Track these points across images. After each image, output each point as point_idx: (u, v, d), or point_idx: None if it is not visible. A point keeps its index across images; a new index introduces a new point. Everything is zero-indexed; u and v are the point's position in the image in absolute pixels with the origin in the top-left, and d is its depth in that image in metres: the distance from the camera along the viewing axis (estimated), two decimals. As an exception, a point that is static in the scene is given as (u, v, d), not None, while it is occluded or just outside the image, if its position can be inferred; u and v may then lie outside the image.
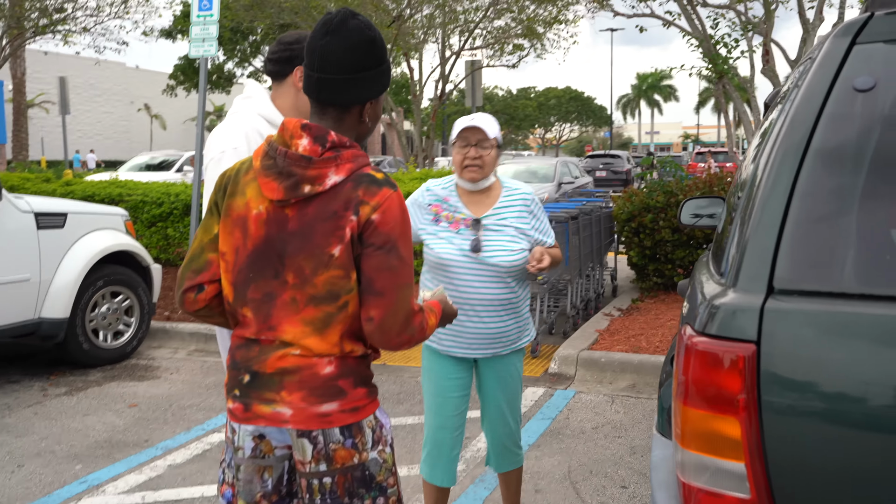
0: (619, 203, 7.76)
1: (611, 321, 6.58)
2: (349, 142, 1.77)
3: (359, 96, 1.78)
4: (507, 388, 2.93)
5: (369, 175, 1.75)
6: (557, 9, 12.76)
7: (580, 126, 63.87)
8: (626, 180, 25.13)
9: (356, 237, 1.72)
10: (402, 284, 1.73)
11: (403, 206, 1.77)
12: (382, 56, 1.80)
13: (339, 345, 1.76)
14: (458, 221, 2.80)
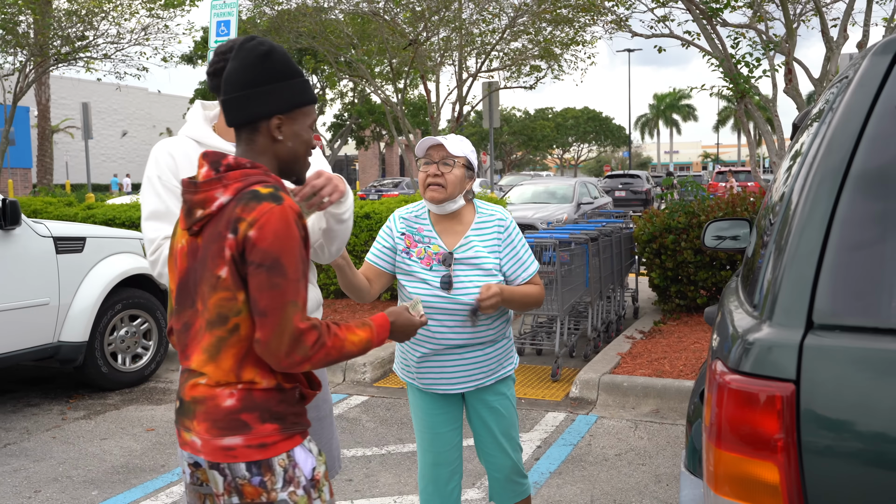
0: (640, 224, 7.66)
1: (633, 344, 6.46)
2: (250, 163, 1.74)
3: (258, 112, 1.75)
4: (499, 417, 2.79)
5: (253, 191, 1.69)
6: (574, 30, 12.73)
7: (598, 146, 63.78)
8: (646, 200, 24.97)
9: (238, 256, 1.68)
10: (287, 303, 1.66)
11: (287, 220, 1.67)
12: (282, 70, 1.76)
13: (236, 373, 1.71)
14: (429, 257, 2.64)
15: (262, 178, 1.73)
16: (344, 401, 5.55)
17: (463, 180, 2.65)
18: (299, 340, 1.67)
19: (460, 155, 2.62)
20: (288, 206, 1.69)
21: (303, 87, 1.81)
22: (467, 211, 2.72)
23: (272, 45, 1.78)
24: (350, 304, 8.39)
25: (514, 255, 2.69)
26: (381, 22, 12.54)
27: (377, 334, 1.84)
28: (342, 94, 32.84)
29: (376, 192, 27.96)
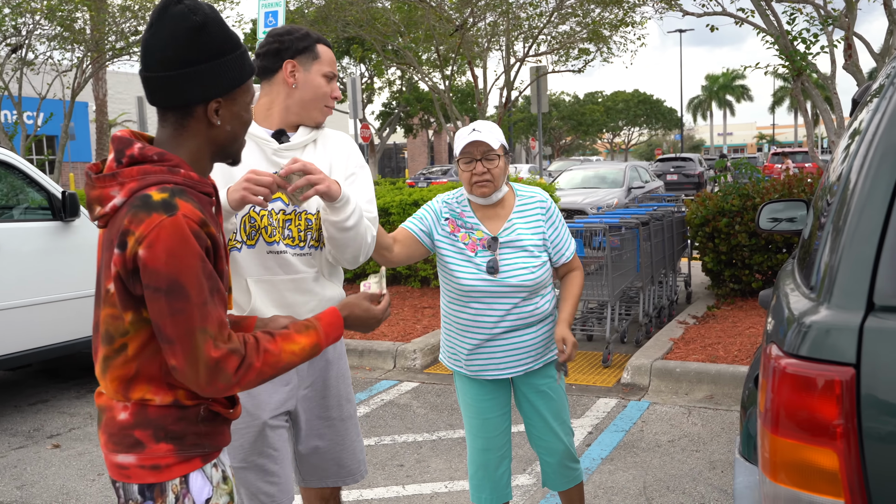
0: (693, 207, 7.52)
1: (685, 329, 6.35)
2: (157, 156, 1.51)
3: (193, 95, 1.52)
4: (549, 400, 2.79)
5: (144, 197, 1.46)
6: (624, 11, 12.49)
7: (649, 129, 62.73)
8: (699, 184, 24.48)
9: (126, 274, 1.47)
10: (193, 329, 1.45)
11: (181, 234, 1.43)
12: (219, 44, 1.52)
13: (123, 393, 1.55)
14: (473, 243, 2.65)
15: (161, 179, 1.49)
16: (395, 387, 5.59)
17: (505, 169, 2.67)
18: (217, 369, 1.48)
19: (499, 145, 2.62)
20: (182, 217, 1.45)
21: (242, 60, 1.57)
22: (508, 196, 2.73)
23: (206, 10, 1.52)
24: (400, 291, 8.44)
25: (556, 234, 2.72)
26: (427, 8, 12.51)
27: (325, 335, 1.65)
28: (390, 83, 32.92)
29: (425, 180, 28.02)
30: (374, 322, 1.78)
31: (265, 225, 2.21)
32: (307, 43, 2.24)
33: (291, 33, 2.25)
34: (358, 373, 5.97)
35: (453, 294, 2.70)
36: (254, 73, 1.61)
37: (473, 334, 2.69)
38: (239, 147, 1.65)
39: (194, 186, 1.54)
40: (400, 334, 6.51)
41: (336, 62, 2.32)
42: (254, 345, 1.54)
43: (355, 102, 18.52)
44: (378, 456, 4.27)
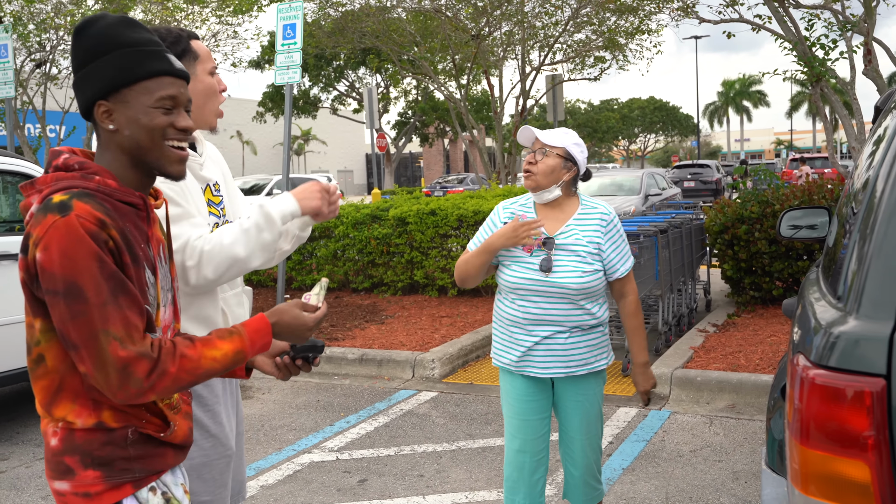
0: (711, 214, 7.48)
1: (705, 338, 6.31)
2: (78, 164, 1.50)
3: (82, 100, 1.53)
4: (584, 412, 2.81)
5: (46, 201, 1.44)
6: (639, 19, 12.46)
7: (665, 136, 62.48)
8: (717, 190, 24.32)
9: (30, 279, 1.45)
10: (96, 332, 1.40)
11: (75, 233, 1.39)
12: (96, 45, 1.49)
13: (47, 408, 1.51)
14: (531, 243, 2.73)
15: (69, 184, 1.47)
16: (413, 397, 5.58)
17: (556, 170, 2.73)
18: (127, 373, 1.41)
19: (555, 145, 2.72)
20: (75, 217, 1.40)
21: (127, 59, 1.50)
22: (571, 202, 2.81)
23: (91, 18, 1.52)
24: (418, 300, 8.45)
25: (613, 247, 2.77)
26: (443, 18, 12.56)
27: (251, 342, 1.57)
28: (406, 93, 33.06)
29: (441, 189, 28.05)
30: (304, 331, 1.66)
31: None
32: (183, 45, 2.12)
33: (164, 39, 2.09)
34: (377, 382, 5.98)
35: (505, 291, 2.78)
36: (158, 74, 1.52)
37: (521, 332, 2.74)
38: (157, 158, 1.54)
39: (111, 194, 1.49)
40: (418, 344, 6.51)
41: (211, 54, 2.24)
42: (170, 349, 1.47)
43: (371, 113, 18.60)
44: (398, 466, 4.27)
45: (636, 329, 2.85)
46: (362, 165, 60.50)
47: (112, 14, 1.55)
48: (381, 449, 4.54)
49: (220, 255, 2.01)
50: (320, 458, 4.42)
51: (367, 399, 5.57)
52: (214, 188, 2.22)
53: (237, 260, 2.01)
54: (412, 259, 8.62)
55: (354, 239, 8.89)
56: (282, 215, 2.03)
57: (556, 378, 2.80)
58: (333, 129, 55.08)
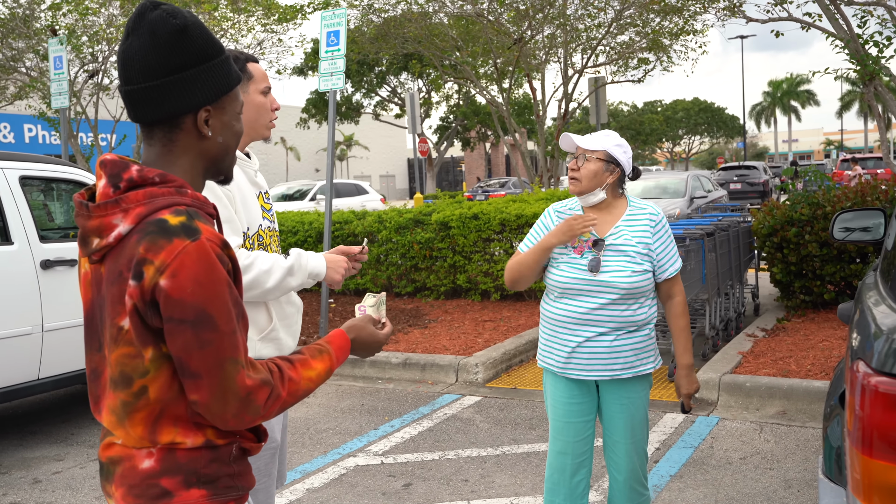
0: (759, 217, 7.33)
1: (755, 342, 6.19)
2: (159, 177, 1.38)
3: (179, 105, 1.39)
4: (629, 416, 2.79)
5: (159, 222, 1.33)
6: (684, 19, 12.30)
7: (711, 138, 61.52)
8: (764, 192, 23.85)
9: (144, 307, 1.34)
10: (224, 360, 1.34)
11: (208, 259, 1.32)
12: (203, 48, 1.40)
13: (150, 438, 1.40)
14: (581, 244, 2.75)
15: (172, 201, 1.37)
16: (457, 401, 5.58)
17: (599, 174, 2.74)
18: (249, 401, 1.37)
19: (596, 149, 2.73)
20: (206, 241, 1.33)
21: (228, 66, 1.45)
22: (619, 204, 2.81)
23: (185, 14, 1.40)
24: (461, 304, 8.45)
25: (662, 247, 2.77)
26: (485, 23, 12.56)
27: (336, 359, 1.56)
28: (447, 97, 33.15)
29: (483, 193, 28.03)
30: (377, 347, 1.66)
31: (268, 243, 2.36)
32: (239, 65, 2.31)
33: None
34: (420, 386, 5.99)
35: (553, 291, 2.79)
36: (241, 81, 1.50)
37: (568, 332, 2.74)
38: (231, 162, 1.52)
39: (202, 207, 1.42)
40: (462, 348, 6.51)
41: (267, 75, 2.43)
42: (278, 374, 1.44)
43: (413, 117, 18.68)
44: (442, 471, 4.27)
45: (682, 330, 2.83)
46: (404, 170, 60.82)
47: (190, 11, 1.48)
48: (426, 453, 4.55)
49: (253, 275, 2.17)
50: (365, 462, 4.45)
51: (411, 403, 5.58)
52: (265, 196, 2.41)
53: (263, 288, 2.20)
54: (455, 263, 8.62)
55: (397, 243, 8.93)
56: (310, 273, 2.30)
57: (600, 381, 2.78)
58: (375, 135, 55.48)
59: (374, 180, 60.01)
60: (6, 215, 4.68)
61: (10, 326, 4.59)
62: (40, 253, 4.78)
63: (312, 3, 12.22)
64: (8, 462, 4.66)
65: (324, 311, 7.38)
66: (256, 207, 2.30)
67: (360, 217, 9.47)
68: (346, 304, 8.99)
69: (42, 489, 4.23)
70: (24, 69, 13.68)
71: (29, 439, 5.07)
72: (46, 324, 4.76)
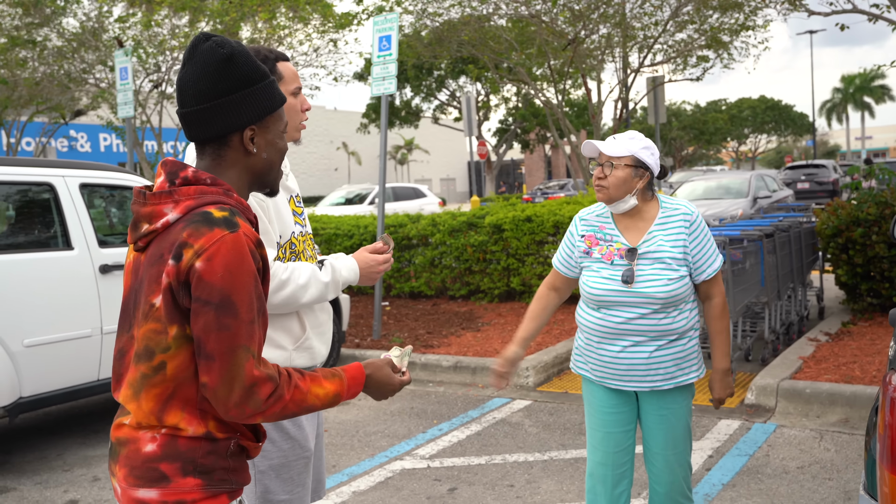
0: (823, 217, 7.08)
1: (817, 347, 5.96)
2: (210, 179, 1.55)
3: (227, 125, 1.56)
4: (668, 428, 2.68)
5: (204, 213, 1.49)
6: (744, 15, 11.96)
7: (778, 136, 59.72)
8: (834, 191, 23.01)
9: (177, 286, 1.47)
10: (237, 347, 1.45)
11: (241, 251, 1.46)
12: (248, 73, 1.57)
13: (157, 415, 1.51)
14: (611, 253, 2.65)
15: (218, 199, 1.53)
16: (507, 405, 5.54)
17: (628, 180, 2.63)
18: (252, 392, 1.47)
19: (622, 155, 2.62)
20: (243, 235, 1.48)
21: (272, 89, 1.62)
22: (650, 207, 2.70)
23: (232, 44, 1.58)
24: (514, 307, 8.39)
25: (699, 248, 2.65)
26: (539, 24, 12.48)
27: (348, 388, 1.63)
28: (506, 100, 33.06)
29: (542, 195, 27.84)
30: (391, 391, 1.74)
31: (301, 250, 2.31)
32: (269, 66, 2.27)
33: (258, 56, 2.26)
34: (470, 390, 5.97)
35: (587, 300, 2.72)
36: (284, 102, 1.65)
37: (605, 342, 2.67)
38: (276, 176, 1.68)
39: (244, 211, 1.57)
40: (513, 352, 6.45)
41: (298, 75, 2.38)
42: (286, 377, 1.53)
43: (470, 120, 18.68)
44: (488, 475, 4.24)
45: (720, 332, 2.72)
46: (464, 173, 60.93)
47: (238, 42, 1.64)
48: (472, 457, 4.53)
49: (290, 291, 2.17)
50: (412, 466, 4.45)
51: (461, 407, 5.57)
52: (297, 199, 2.38)
53: (299, 303, 2.21)
54: (508, 266, 8.58)
55: (451, 246, 8.93)
56: (345, 284, 2.33)
57: (639, 391, 2.71)
58: (435, 138, 55.73)
59: (435, 183, 60.26)
60: (67, 222, 4.85)
61: (72, 329, 4.76)
62: (99, 258, 4.94)
63: (367, 10, 12.34)
64: (72, 459, 4.82)
65: (377, 314, 7.43)
66: (288, 213, 2.29)
67: (415, 220, 9.51)
68: (400, 306, 9.04)
69: (101, 487, 4.37)
70: (94, 80, 14.20)
71: (92, 438, 5.24)
72: (105, 326, 4.91)
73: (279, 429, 2.21)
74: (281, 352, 2.23)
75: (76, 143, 30.81)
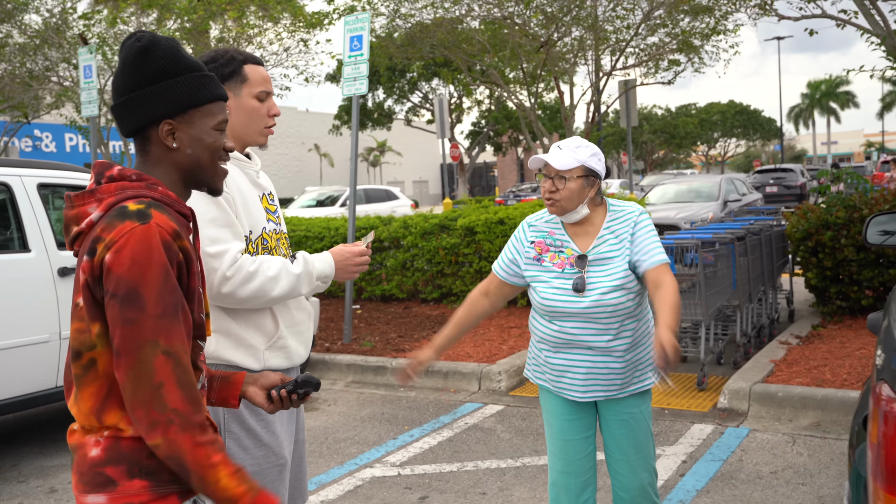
0: (793, 220, 7.10)
1: (788, 350, 5.97)
2: (135, 175, 1.52)
3: (143, 118, 1.54)
4: (629, 432, 2.63)
5: (120, 208, 1.46)
6: (715, 19, 12.03)
7: (746, 141, 60.51)
8: (801, 195, 23.34)
9: (93, 281, 1.44)
10: (144, 342, 1.39)
11: (150, 241, 1.41)
12: (165, 66, 1.53)
13: (96, 415, 1.47)
14: (562, 261, 2.57)
15: (138, 193, 1.50)
16: (479, 410, 5.46)
17: (580, 191, 2.55)
18: (158, 392, 1.39)
19: (573, 167, 2.52)
20: (156, 226, 1.43)
21: (197, 83, 1.56)
22: (598, 212, 2.63)
23: (153, 38, 1.55)
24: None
25: (642, 239, 2.54)
26: (511, 26, 12.44)
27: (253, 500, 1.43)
28: (479, 102, 33.05)
29: (515, 197, 27.86)
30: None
31: (274, 246, 2.24)
32: (232, 67, 2.20)
33: (216, 60, 2.20)
34: (442, 395, 5.89)
35: (540, 311, 2.64)
36: (219, 99, 1.60)
37: (558, 352, 2.60)
38: (211, 176, 1.62)
39: (171, 204, 1.53)
40: (485, 355, 6.39)
41: (269, 79, 2.29)
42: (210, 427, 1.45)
43: (442, 122, 18.61)
44: (459, 483, 4.16)
45: (669, 303, 2.35)
46: (437, 175, 60.87)
47: (163, 35, 1.59)
48: (444, 464, 4.44)
49: (258, 283, 2.08)
50: (382, 473, 4.35)
51: (432, 412, 5.48)
52: (269, 197, 2.31)
53: (269, 297, 2.12)
54: (481, 269, 8.51)
55: (423, 249, 8.84)
56: (319, 276, 2.23)
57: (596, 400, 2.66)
58: (409, 141, 55.61)
59: (408, 186, 60.12)
60: (24, 223, 4.68)
61: (29, 334, 4.59)
62: (58, 260, 4.78)
63: (337, 10, 12.21)
64: (27, 470, 4.65)
65: (347, 317, 7.31)
66: (259, 210, 2.21)
67: (386, 222, 9.41)
68: (371, 310, 8.93)
69: (57, 499, 4.21)
70: (58, 78, 13.89)
71: (49, 447, 5.07)
72: (64, 331, 4.75)
73: (252, 435, 2.14)
74: (251, 352, 2.14)
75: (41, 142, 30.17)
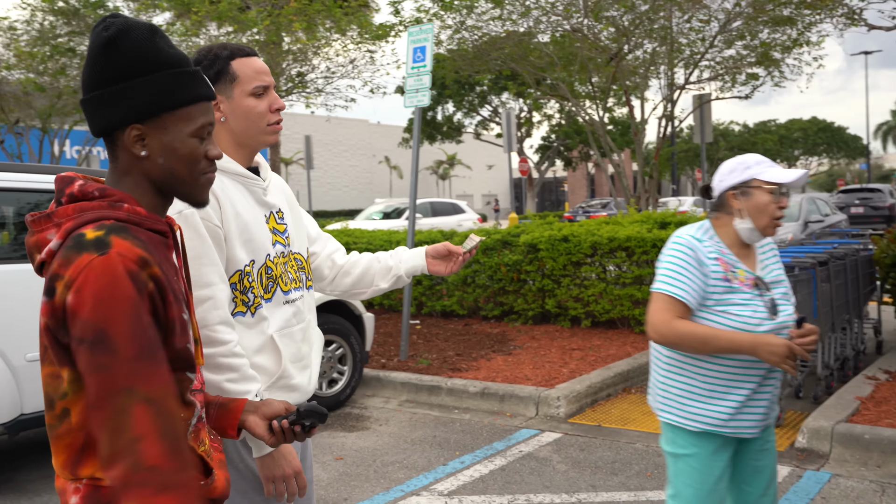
0: (882, 244, 6.60)
1: (876, 386, 5.49)
2: (99, 191, 1.32)
3: (107, 120, 1.32)
4: (771, 461, 2.47)
5: (76, 236, 1.26)
6: (798, 31, 11.46)
7: (830, 159, 58.19)
8: (890, 217, 22.12)
9: (56, 325, 1.26)
10: (118, 390, 1.21)
11: (113, 275, 1.22)
12: (133, 62, 1.31)
13: (70, 469, 1.32)
14: (741, 282, 2.37)
15: (99, 215, 1.30)
16: (535, 437, 5.18)
17: None
18: (135, 449, 1.20)
19: None
20: (117, 255, 1.23)
21: (172, 81, 1.34)
22: None
23: (124, 27, 1.32)
24: (549, 330, 8.03)
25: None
26: (583, 40, 12.15)
27: None
28: (548, 117, 32.71)
29: (584, 213, 27.38)
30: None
31: (279, 274, 1.99)
32: (218, 66, 1.93)
33: (199, 62, 1.93)
34: (497, 419, 5.63)
35: None
36: (200, 100, 1.37)
37: (742, 387, 2.34)
38: (190, 189, 1.40)
39: (141, 223, 1.33)
40: (544, 378, 6.10)
41: (266, 70, 1.99)
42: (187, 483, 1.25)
43: (510, 136, 18.38)
44: (510, 518, 3.90)
45: None
46: (507, 189, 60.65)
47: (139, 20, 1.36)
48: (494, 496, 4.18)
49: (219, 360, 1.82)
50: (427, 502, 4.12)
51: (486, 437, 5.23)
52: (278, 215, 2.06)
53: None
54: (543, 287, 8.22)
55: (485, 265, 8.62)
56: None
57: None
58: (478, 154, 55.57)
59: (477, 199, 60.02)
60: None
61: None
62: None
63: (404, 21, 12.16)
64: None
65: (405, 332, 7.14)
66: (263, 233, 1.95)
67: (448, 236, 9.24)
68: (431, 325, 8.73)
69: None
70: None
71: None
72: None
73: (252, 479, 1.94)
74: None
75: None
